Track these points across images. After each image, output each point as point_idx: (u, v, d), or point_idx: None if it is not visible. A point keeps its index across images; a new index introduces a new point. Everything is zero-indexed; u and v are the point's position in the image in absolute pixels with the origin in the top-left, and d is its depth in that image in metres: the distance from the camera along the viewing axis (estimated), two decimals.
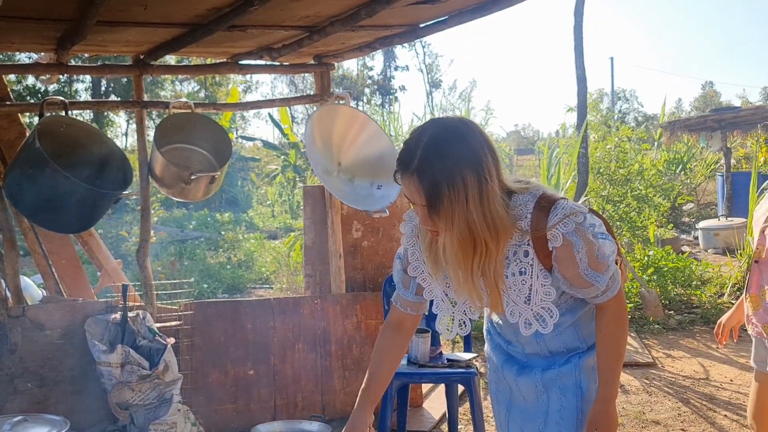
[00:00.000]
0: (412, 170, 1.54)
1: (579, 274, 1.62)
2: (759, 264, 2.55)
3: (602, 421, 1.72)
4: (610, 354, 1.73)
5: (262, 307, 3.89)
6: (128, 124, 24.20)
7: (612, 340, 1.72)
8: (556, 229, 1.59)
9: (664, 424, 3.95)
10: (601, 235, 1.66)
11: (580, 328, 1.80)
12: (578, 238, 1.60)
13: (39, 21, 3.05)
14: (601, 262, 1.63)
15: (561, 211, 1.59)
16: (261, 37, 3.56)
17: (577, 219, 1.60)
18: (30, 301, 4.10)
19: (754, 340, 2.63)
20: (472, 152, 1.53)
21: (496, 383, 1.97)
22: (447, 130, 1.56)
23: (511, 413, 1.91)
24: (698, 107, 40.05)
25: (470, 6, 3.06)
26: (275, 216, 14.81)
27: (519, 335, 1.82)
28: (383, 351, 1.86)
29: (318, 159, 3.81)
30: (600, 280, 1.64)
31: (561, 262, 1.62)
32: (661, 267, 6.73)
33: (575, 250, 1.60)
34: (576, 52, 8.22)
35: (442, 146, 1.53)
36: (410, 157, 1.55)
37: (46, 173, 3.37)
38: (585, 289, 1.66)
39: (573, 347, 1.81)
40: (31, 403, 3.33)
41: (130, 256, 8.22)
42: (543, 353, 1.83)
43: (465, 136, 1.54)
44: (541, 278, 1.65)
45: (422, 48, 35.70)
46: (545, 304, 1.67)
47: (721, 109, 13.87)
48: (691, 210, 13.67)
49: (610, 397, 1.74)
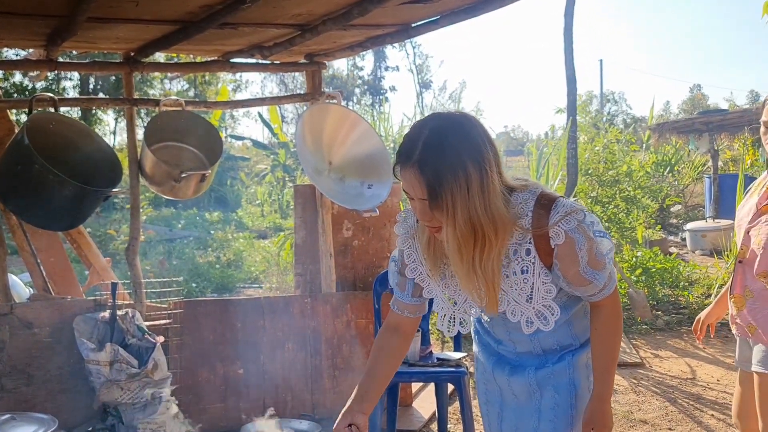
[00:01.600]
0: (413, 162, 1.52)
1: (579, 272, 1.63)
2: (743, 264, 2.57)
3: (598, 420, 1.73)
4: (606, 352, 1.73)
5: (252, 306, 3.88)
6: (117, 122, 24.05)
7: (608, 338, 1.73)
8: (559, 227, 1.59)
9: (651, 423, 3.98)
10: (599, 233, 1.67)
11: (572, 325, 1.81)
12: (580, 235, 1.60)
13: (28, 17, 3.02)
14: (600, 260, 1.64)
15: (562, 209, 1.60)
16: (252, 35, 3.55)
17: (579, 216, 1.61)
18: (18, 299, 4.07)
19: (738, 340, 2.65)
20: (474, 144, 1.52)
21: (485, 383, 1.96)
22: (448, 122, 1.56)
23: (504, 413, 1.91)
24: (686, 110, 40.32)
25: (462, 6, 3.07)
26: (265, 215, 14.77)
27: (512, 334, 1.82)
28: (382, 353, 1.79)
29: (309, 158, 3.81)
30: (598, 278, 1.65)
31: (562, 259, 1.62)
32: (649, 268, 6.77)
33: (577, 248, 1.60)
34: (566, 53, 8.25)
35: (443, 138, 1.52)
36: (411, 148, 1.54)
37: (35, 170, 3.35)
38: (583, 287, 1.66)
39: (566, 344, 1.82)
40: (18, 402, 3.30)
41: (119, 255, 8.18)
42: (536, 351, 1.83)
43: (466, 129, 1.54)
44: (542, 276, 1.66)
45: (413, 48, 35.78)
46: (546, 302, 1.67)
47: (708, 112, 13.98)
48: (678, 211, 13.78)
49: (606, 394, 1.74)
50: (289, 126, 25.97)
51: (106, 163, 3.82)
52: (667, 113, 41.45)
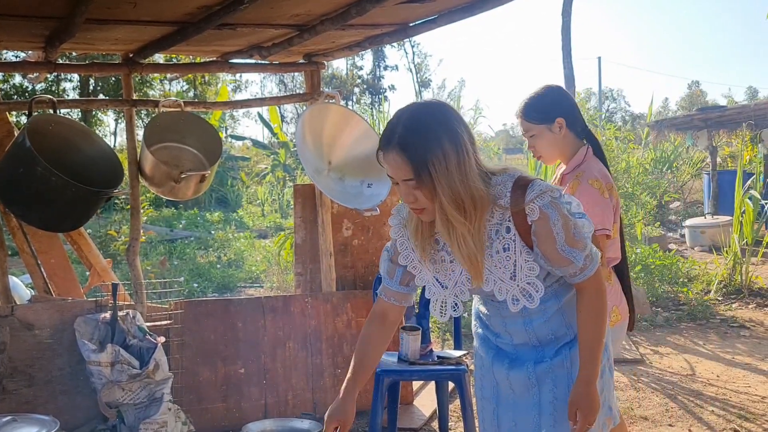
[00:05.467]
0: (394, 144, 1.64)
1: (557, 250, 1.69)
2: None
3: (583, 402, 1.75)
4: (590, 334, 1.76)
5: (252, 306, 3.89)
6: (117, 123, 24.06)
7: (591, 319, 1.76)
8: (534, 203, 1.67)
9: (652, 419, 4.00)
10: (578, 214, 1.74)
11: (565, 314, 1.84)
12: (554, 211, 1.68)
13: (27, 18, 3.03)
14: (578, 240, 1.70)
15: (538, 188, 1.68)
16: (251, 35, 3.56)
17: (554, 194, 1.69)
18: (18, 300, 4.08)
19: None
20: (449, 126, 1.64)
21: (481, 379, 1.99)
22: (425, 108, 1.70)
23: (501, 407, 1.93)
24: (684, 106, 40.32)
25: (460, 5, 3.08)
26: (265, 215, 14.79)
27: (508, 325, 1.86)
28: (368, 342, 1.90)
29: (309, 158, 3.82)
30: (577, 257, 1.70)
31: (539, 235, 1.69)
32: (648, 264, 6.78)
33: (551, 223, 1.67)
34: (564, 51, 8.24)
35: (420, 120, 1.65)
36: (391, 133, 1.65)
37: (35, 172, 3.36)
38: (563, 267, 1.72)
39: (561, 334, 1.85)
40: (20, 403, 3.31)
41: (120, 256, 8.19)
42: (532, 342, 1.86)
43: (441, 111, 1.67)
44: (524, 254, 1.72)
45: (411, 48, 35.75)
46: (530, 279, 1.74)
47: (707, 109, 13.98)
48: (677, 208, 13.79)
49: (591, 377, 1.75)
50: (289, 125, 25.98)
51: (106, 164, 3.82)
52: (666, 110, 41.47)
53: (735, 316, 6.32)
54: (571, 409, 1.76)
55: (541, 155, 2.53)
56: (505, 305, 1.81)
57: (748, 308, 6.67)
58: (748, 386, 4.55)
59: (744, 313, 6.47)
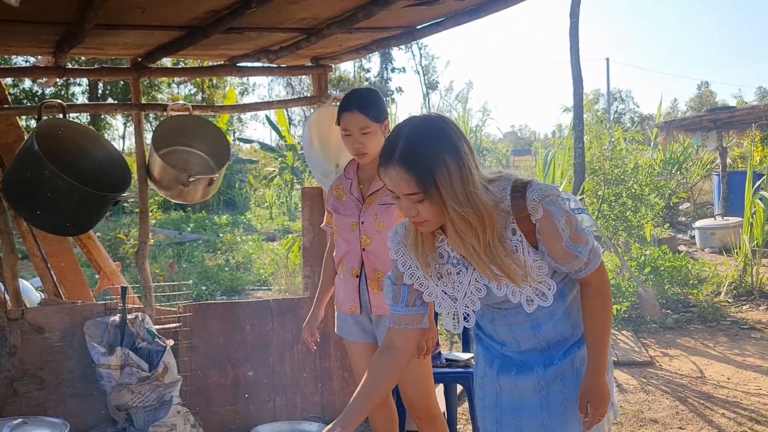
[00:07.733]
0: (396, 159, 1.63)
1: (563, 247, 1.70)
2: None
3: (594, 394, 1.77)
4: (597, 326, 1.78)
5: (261, 309, 3.90)
6: (125, 127, 24.19)
7: (597, 312, 1.78)
8: (535, 202, 1.69)
9: (662, 422, 3.97)
10: (577, 210, 1.77)
11: (571, 314, 1.85)
12: (556, 208, 1.69)
13: (36, 24, 3.05)
14: (581, 235, 1.72)
15: (537, 188, 1.71)
16: (258, 39, 3.57)
17: (553, 192, 1.72)
18: (29, 304, 4.11)
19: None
20: (449, 140, 1.64)
21: (482, 388, 1.98)
22: (424, 122, 1.69)
23: (504, 415, 1.92)
24: (694, 107, 40.09)
25: (467, 7, 3.07)
26: (273, 218, 14.82)
27: (515, 332, 1.86)
28: (370, 374, 1.80)
29: (316, 161, 3.83)
30: (582, 251, 1.72)
31: (545, 234, 1.70)
32: (658, 266, 6.75)
33: (555, 219, 1.69)
34: (572, 52, 8.24)
35: (421, 135, 1.65)
36: (392, 148, 1.65)
37: (44, 176, 3.38)
38: (569, 263, 1.73)
39: (568, 335, 1.85)
40: (30, 406, 3.33)
41: (129, 259, 8.24)
42: (540, 346, 1.86)
43: (442, 127, 1.67)
44: (532, 254, 1.73)
45: (419, 50, 35.75)
46: (541, 278, 1.74)
47: (716, 109, 13.90)
48: (687, 209, 13.72)
49: (600, 369, 1.77)
50: (297, 128, 26.00)
51: (115, 167, 3.84)
52: (675, 111, 41.26)
53: (745, 318, 6.28)
54: (582, 402, 1.78)
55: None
56: (513, 312, 1.81)
57: (758, 310, 6.62)
58: (759, 388, 4.51)
59: (755, 315, 6.42)
